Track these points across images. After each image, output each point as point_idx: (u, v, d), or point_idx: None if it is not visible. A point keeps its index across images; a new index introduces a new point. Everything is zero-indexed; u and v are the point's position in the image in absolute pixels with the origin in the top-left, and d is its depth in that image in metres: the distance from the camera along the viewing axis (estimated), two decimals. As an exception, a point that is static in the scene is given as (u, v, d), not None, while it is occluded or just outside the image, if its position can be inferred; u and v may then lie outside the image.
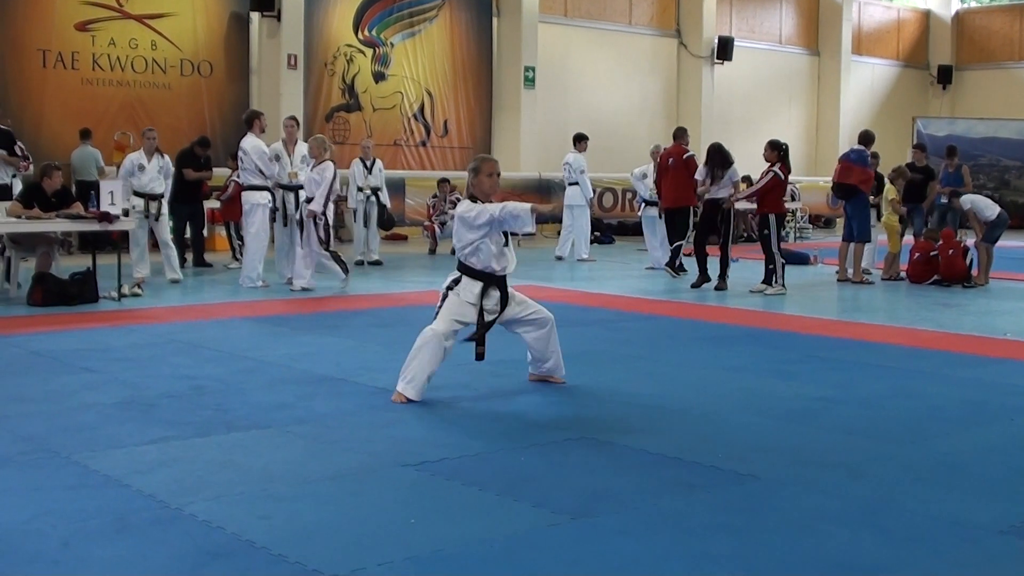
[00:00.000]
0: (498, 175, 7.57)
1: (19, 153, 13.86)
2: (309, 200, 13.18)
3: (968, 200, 15.71)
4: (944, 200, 17.10)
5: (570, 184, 18.51)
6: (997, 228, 15.59)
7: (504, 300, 7.50)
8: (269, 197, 13.64)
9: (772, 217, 13.81)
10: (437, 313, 7.47)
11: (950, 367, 8.99)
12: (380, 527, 4.81)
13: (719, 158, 14.67)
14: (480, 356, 7.53)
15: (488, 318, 7.47)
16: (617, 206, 25.26)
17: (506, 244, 7.53)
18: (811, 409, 7.29)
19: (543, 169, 24.73)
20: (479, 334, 7.47)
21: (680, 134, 16.13)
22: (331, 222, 13.42)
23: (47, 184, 12.38)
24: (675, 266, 15.70)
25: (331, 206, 13.36)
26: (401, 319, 11.32)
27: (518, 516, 5.00)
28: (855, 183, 15.29)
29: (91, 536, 4.64)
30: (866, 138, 15.76)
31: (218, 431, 6.46)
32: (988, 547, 4.71)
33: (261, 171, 13.51)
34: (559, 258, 18.23)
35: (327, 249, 13.24)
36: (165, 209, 14.21)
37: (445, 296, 7.52)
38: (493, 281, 7.47)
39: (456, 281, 7.53)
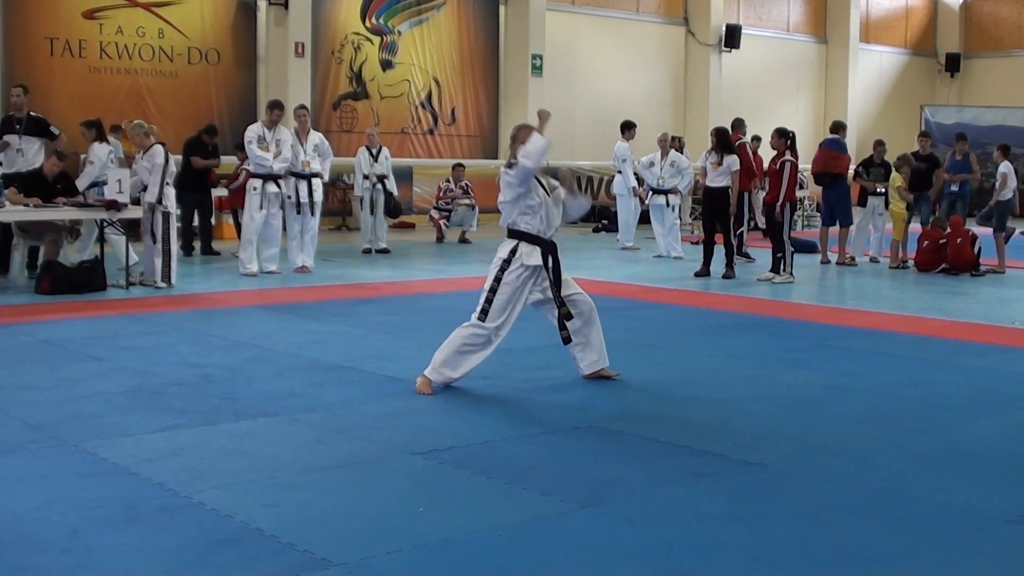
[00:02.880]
0: None
1: (55, 133, 13.82)
2: (145, 188, 12.45)
3: (1007, 167, 15.93)
4: (954, 188, 17.00)
5: (617, 172, 18.55)
6: (1003, 214, 15.73)
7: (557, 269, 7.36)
8: (257, 184, 13.55)
9: (788, 205, 13.81)
10: (490, 300, 7.29)
11: (958, 356, 8.97)
12: (389, 515, 4.81)
13: (723, 143, 14.62)
14: (567, 340, 7.48)
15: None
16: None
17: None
18: (819, 398, 7.29)
19: (550, 157, 24.56)
20: (562, 312, 7.37)
21: (737, 124, 16.13)
22: (172, 210, 12.64)
23: (47, 168, 12.40)
24: (742, 253, 16.06)
25: (171, 192, 12.62)
26: (409, 307, 11.33)
27: (527, 504, 5.00)
28: (843, 171, 16.14)
29: (100, 524, 4.65)
30: (836, 127, 16.63)
31: (226, 419, 6.47)
32: (996, 536, 4.71)
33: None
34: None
35: (166, 246, 12.39)
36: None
37: (500, 273, 7.32)
38: (547, 247, 7.35)
39: (513, 251, 7.34)
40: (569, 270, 7.47)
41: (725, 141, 14.64)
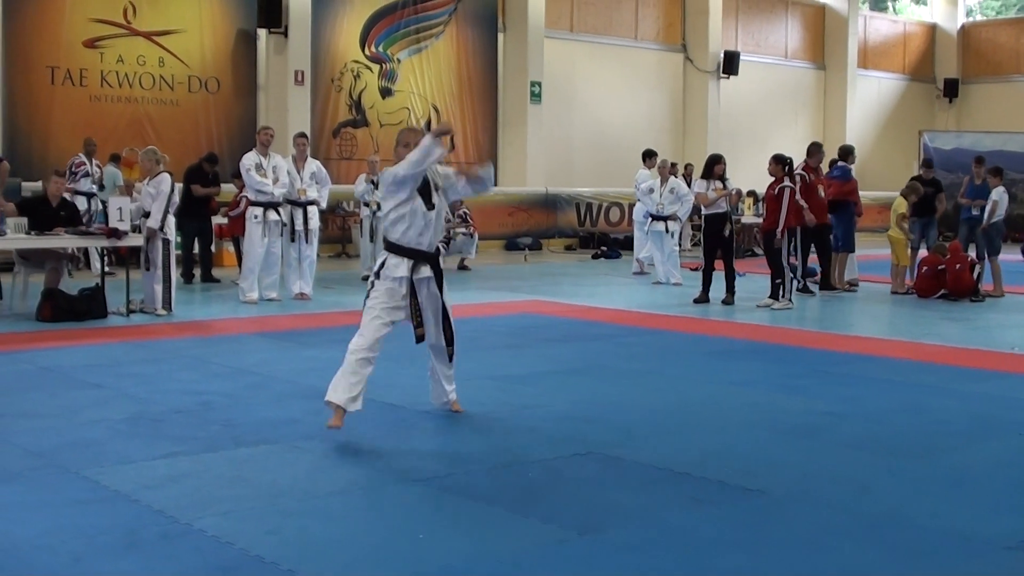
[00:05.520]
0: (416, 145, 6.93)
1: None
2: (146, 215, 12.46)
3: (1000, 192, 15.81)
4: (975, 213, 16.79)
5: (639, 200, 18.45)
6: (995, 238, 15.70)
7: (439, 279, 7.09)
8: (258, 213, 13.58)
9: (787, 232, 13.78)
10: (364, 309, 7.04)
11: (958, 381, 8.98)
12: (388, 542, 4.82)
13: (723, 170, 14.66)
14: (420, 338, 7.12)
15: (420, 297, 7.03)
16: (624, 220, 25.27)
17: (430, 208, 7.00)
18: (818, 424, 7.30)
19: (549, 184, 24.78)
20: (416, 318, 7.06)
21: (815, 150, 15.77)
22: (172, 238, 12.69)
23: (52, 190, 12.52)
24: (806, 287, 15.39)
25: (171, 220, 12.66)
26: (408, 333, 11.30)
27: (526, 531, 5.01)
28: (833, 197, 15.82)
29: (101, 551, 4.66)
30: (843, 152, 16.56)
31: (226, 446, 6.48)
32: (995, 562, 4.72)
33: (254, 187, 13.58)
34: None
35: (166, 273, 12.38)
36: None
37: (371, 287, 7.04)
38: (423, 258, 7.05)
39: (382, 265, 7.04)
40: (569, 296, 7.48)
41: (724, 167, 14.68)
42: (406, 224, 6.99)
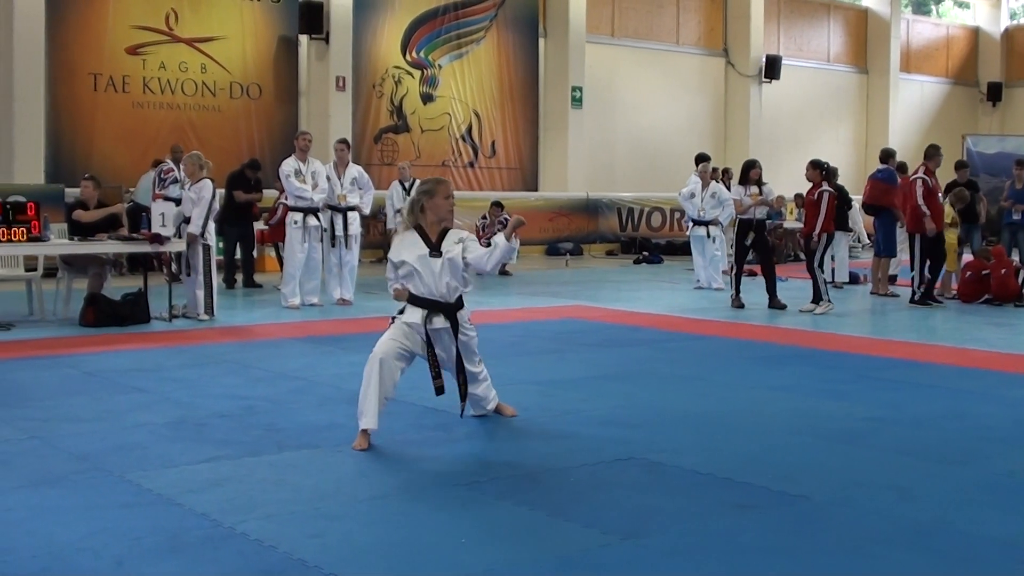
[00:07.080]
0: (452, 197, 7.18)
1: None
2: (187, 220, 12.61)
3: None
4: (1017, 217, 16.57)
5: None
6: None
7: (455, 328, 6.94)
8: (298, 218, 13.63)
9: (824, 235, 13.73)
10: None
11: (1002, 387, 8.89)
12: (431, 547, 4.82)
13: (759, 175, 14.58)
14: (439, 390, 7.02)
15: (437, 348, 6.93)
16: (665, 226, 25.25)
17: (436, 255, 6.92)
18: (862, 429, 7.25)
19: (591, 189, 24.78)
20: (434, 370, 6.96)
21: (933, 152, 15.35)
22: (212, 244, 12.81)
23: (83, 194, 12.67)
24: (933, 297, 14.79)
25: (211, 225, 12.76)
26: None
27: (568, 537, 5.00)
28: (883, 203, 15.98)
29: (144, 554, 4.68)
30: (884, 155, 16.62)
31: (269, 450, 6.50)
32: (1043, 569, 4.67)
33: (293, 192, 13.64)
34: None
35: (207, 278, 12.50)
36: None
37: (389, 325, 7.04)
38: (438, 308, 6.92)
39: (401, 311, 7.01)
40: (610, 302, 7.46)
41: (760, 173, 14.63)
42: (416, 277, 6.94)
